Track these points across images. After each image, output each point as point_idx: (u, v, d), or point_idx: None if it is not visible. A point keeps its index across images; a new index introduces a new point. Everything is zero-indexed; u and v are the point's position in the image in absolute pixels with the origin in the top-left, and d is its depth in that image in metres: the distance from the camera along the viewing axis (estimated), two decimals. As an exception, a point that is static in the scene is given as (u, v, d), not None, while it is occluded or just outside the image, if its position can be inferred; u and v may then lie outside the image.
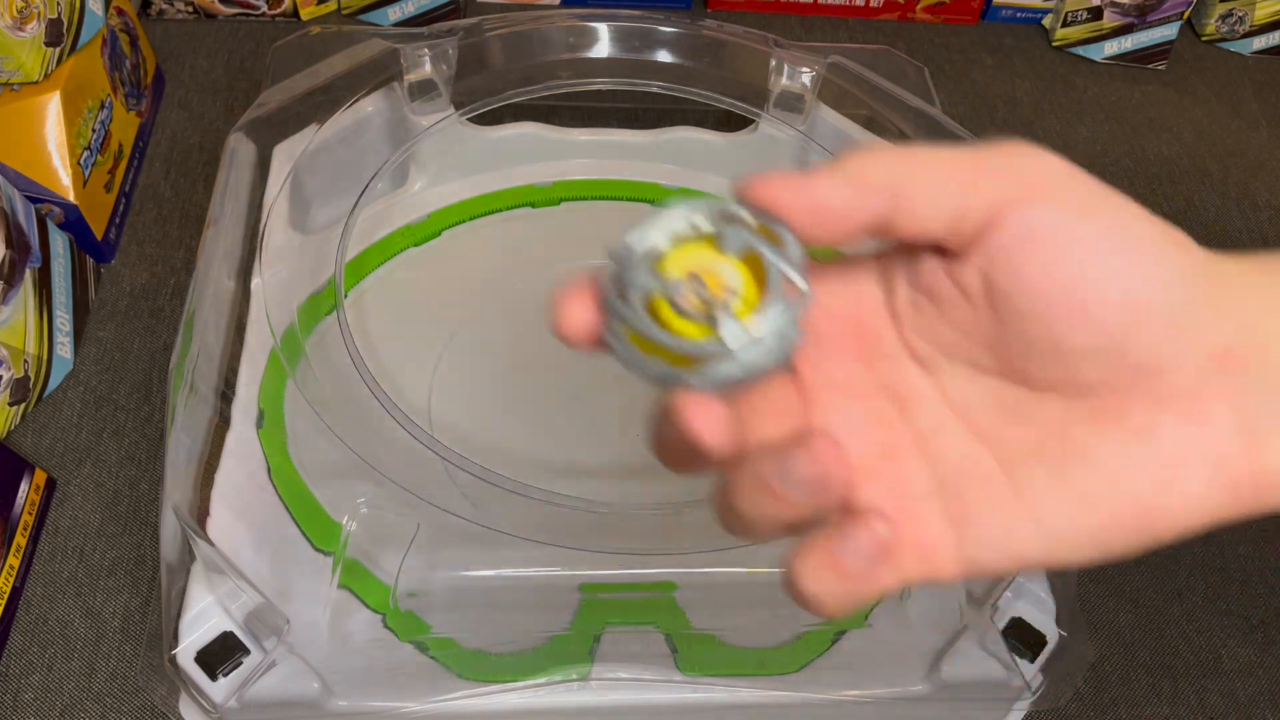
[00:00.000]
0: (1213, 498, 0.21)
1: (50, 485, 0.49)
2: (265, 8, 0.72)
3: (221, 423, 0.44)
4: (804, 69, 0.56)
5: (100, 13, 0.58)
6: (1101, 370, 0.21)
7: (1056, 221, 0.20)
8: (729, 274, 0.21)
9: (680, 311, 0.20)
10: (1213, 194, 0.69)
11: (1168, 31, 0.76)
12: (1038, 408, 0.22)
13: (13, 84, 0.53)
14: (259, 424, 0.45)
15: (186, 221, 0.61)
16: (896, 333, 0.23)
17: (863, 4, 0.78)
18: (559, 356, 0.50)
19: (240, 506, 0.42)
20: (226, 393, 0.45)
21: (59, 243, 0.54)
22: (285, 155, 0.52)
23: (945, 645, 0.40)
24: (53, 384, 0.53)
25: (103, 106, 0.58)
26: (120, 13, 0.62)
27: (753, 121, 0.57)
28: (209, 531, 0.40)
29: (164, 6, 0.72)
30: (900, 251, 0.23)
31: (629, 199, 0.57)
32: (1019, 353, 0.21)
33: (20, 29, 0.51)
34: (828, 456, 0.21)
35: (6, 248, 0.48)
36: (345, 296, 0.48)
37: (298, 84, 0.53)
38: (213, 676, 0.37)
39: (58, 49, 0.54)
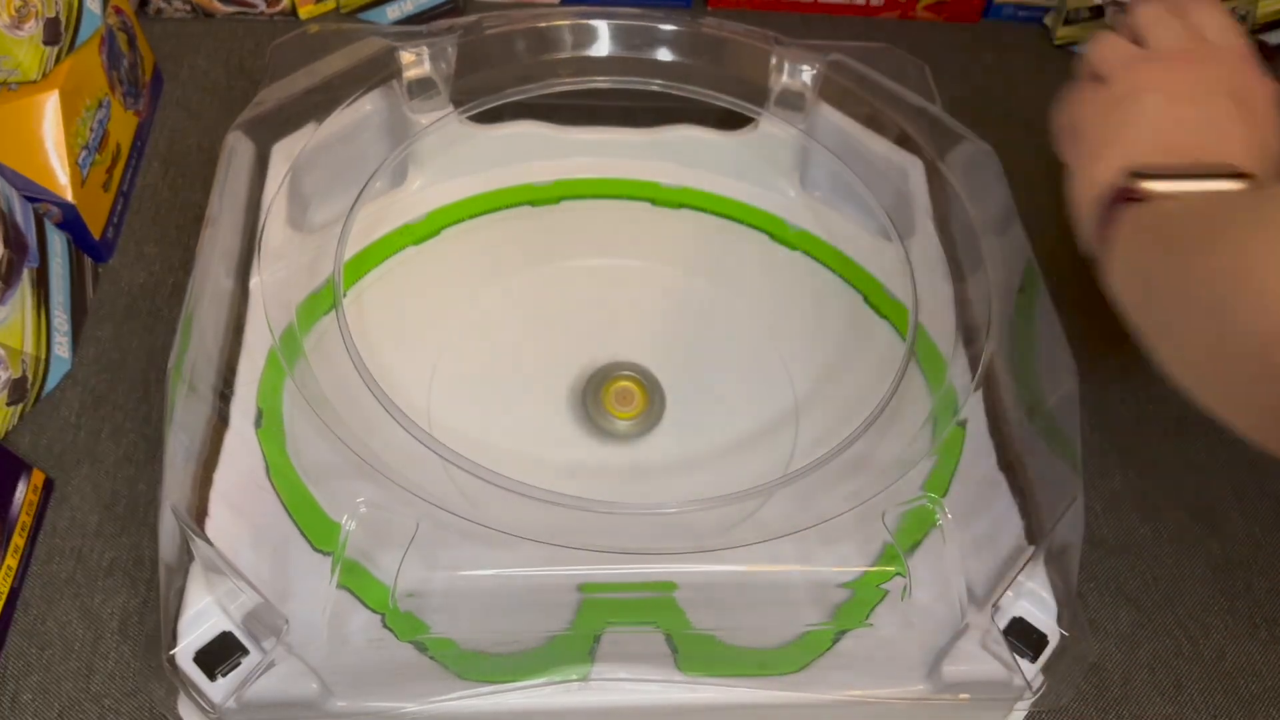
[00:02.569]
0: None
1: (48, 485, 0.49)
2: (264, 6, 0.72)
3: (220, 422, 0.44)
4: (804, 67, 0.56)
5: (98, 11, 0.57)
6: None
7: None
8: None
9: None
10: (1214, 192, 0.69)
11: (1169, 29, 0.76)
12: None
13: (10, 83, 0.53)
14: (258, 423, 0.44)
15: (185, 221, 0.61)
16: None
17: (863, 2, 0.77)
18: (559, 356, 0.50)
19: (239, 506, 0.42)
20: (225, 392, 0.45)
21: (57, 242, 0.54)
22: (284, 154, 0.52)
23: (946, 645, 0.40)
24: (50, 384, 0.53)
25: (101, 105, 0.58)
26: (118, 11, 0.62)
27: (753, 120, 0.56)
28: (208, 531, 0.40)
29: (162, 5, 0.72)
30: None
31: (629, 198, 0.57)
32: None
33: (18, 28, 0.51)
34: None
35: (4, 247, 0.48)
36: (344, 295, 0.47)
37: (296, 82, 0.53)
38: (211, 677, 0.37)
39: (55, 48, 0.54)
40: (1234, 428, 0.32)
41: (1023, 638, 0.40)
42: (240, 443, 0.44)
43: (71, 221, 0.55)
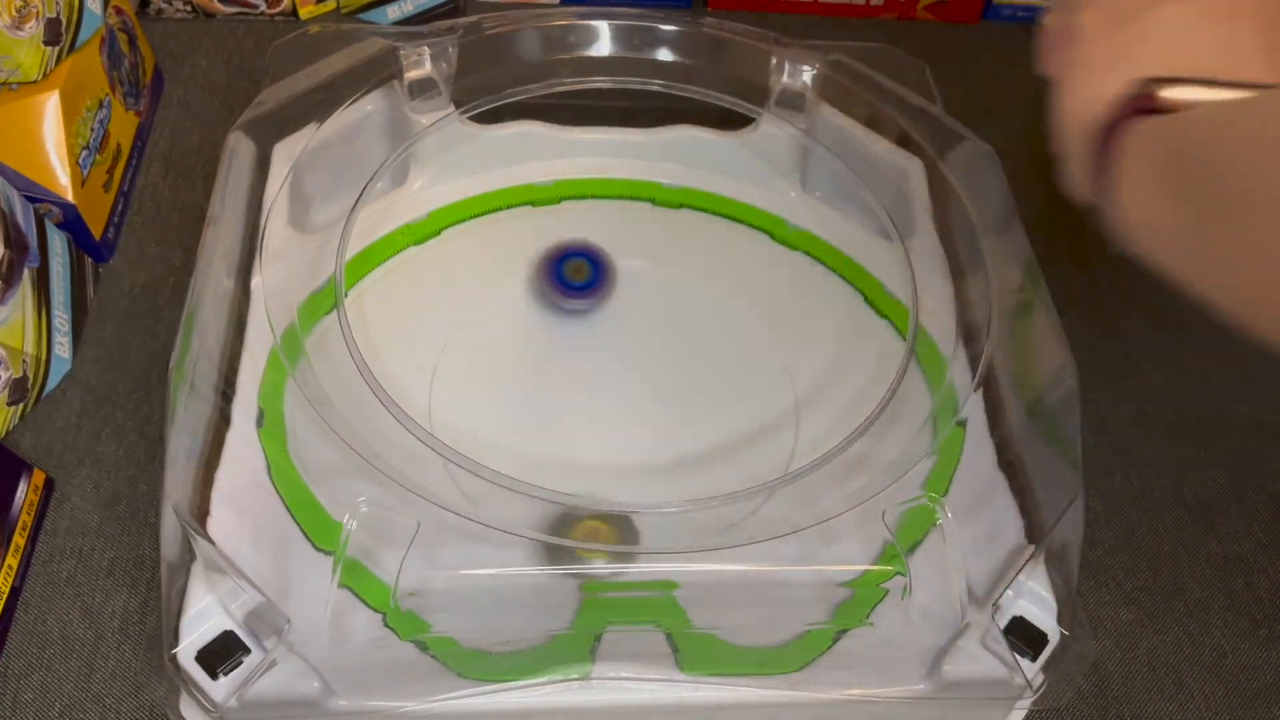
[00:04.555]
0: None
1: (49, 485, 0.49)
2: (264, 7, 0.72)
3: (221, 422, 0.44)
4: (805, 67, 0.56)
5: (99, 12, 0.57)
6: None
7: None
8: None
9: None
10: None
11: (1168, 30, 0.76)
12: None
13: (11, 83, 0.53)
14: (259, 423, 0.45)
15: (185, 221, 0.61)
16: None
17: (864, 2, 0.77)
18: (559, 356, 0.50)
19: (240, 506, 0.42)
20: (226, 392, 0.45)
21: (57, 242, 0.54)
22: (285, 154, 0.52)
23: (946, 644, 0.40)
24: (51, 384, 0.53)
25: (101, 106, 0.58)
26: (119, 12, 0.62)
27: (753, 120, 0.56)
28: (209, 531, 0.40)
29: (163, 5, 0.72)
30: None
31: (630, 198, 0.57)
32: None
33: (19, 28, 0.51)
34: None
35: (5, 247, 0.48)
36: (345, 295, 0.47)
37: (297, 83, 0.53)
38: (213, 676, 0.37)
39: (56, 48, 0.54)
40: None
41: (1023, 637, 0.40)
42: (242, 442, 0.44)
43: (72, 221, 0.55)
